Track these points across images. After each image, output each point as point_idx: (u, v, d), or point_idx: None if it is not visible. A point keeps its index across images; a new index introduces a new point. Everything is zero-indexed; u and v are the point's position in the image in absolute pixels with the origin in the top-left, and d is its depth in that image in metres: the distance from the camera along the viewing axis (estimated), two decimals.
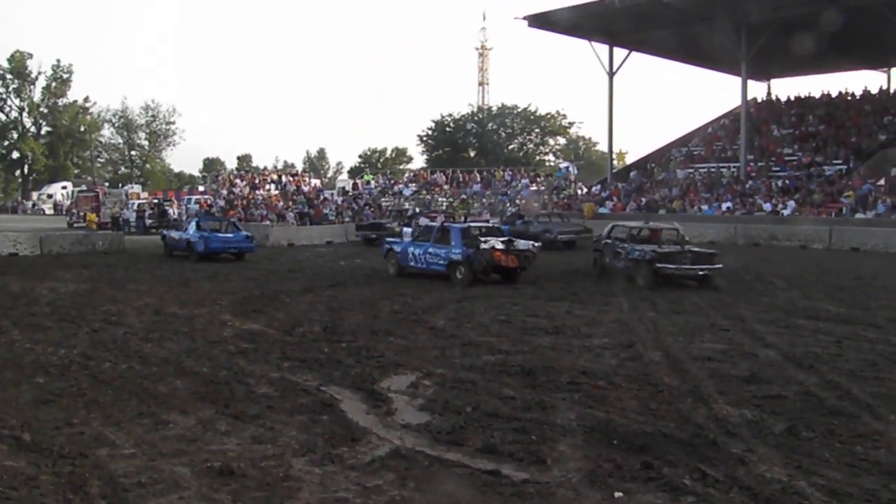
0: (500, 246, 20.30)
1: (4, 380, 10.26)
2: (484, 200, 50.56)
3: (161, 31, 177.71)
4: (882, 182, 38.43)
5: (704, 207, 42.25)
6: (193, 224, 29.42)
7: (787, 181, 42.50)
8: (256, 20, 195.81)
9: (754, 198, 41.28)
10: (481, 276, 20.33)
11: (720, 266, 20.48)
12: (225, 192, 51.64)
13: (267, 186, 53.90)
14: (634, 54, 50.83)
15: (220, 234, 28.56)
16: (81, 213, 50.50)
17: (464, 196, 52.23)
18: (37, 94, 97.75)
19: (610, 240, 22.53)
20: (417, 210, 39.14)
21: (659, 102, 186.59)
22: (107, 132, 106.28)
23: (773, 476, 6.89)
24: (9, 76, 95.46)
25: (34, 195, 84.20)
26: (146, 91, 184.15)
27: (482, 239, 20.69)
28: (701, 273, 20.24)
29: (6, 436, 7.92)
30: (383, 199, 52.10)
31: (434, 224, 23.93)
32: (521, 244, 21.13)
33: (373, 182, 60.82)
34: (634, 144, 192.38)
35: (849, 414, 8.81)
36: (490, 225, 23.22)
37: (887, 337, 13.44)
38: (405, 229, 30.84)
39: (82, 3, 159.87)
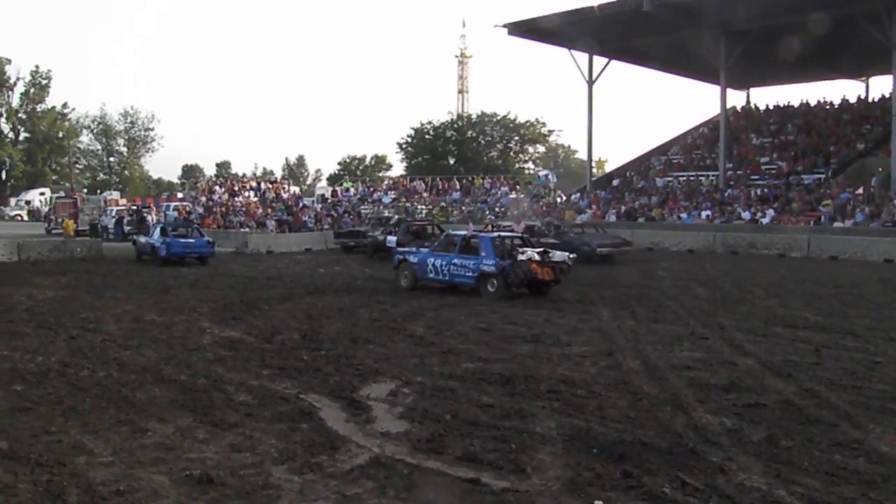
0: (536, 257, 19.05)
1: None
2: (463, 208, 50.57)
3: (140, 37, 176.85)
4: (860, 191, 38.72)
5: (683, 216, 42.41)
6: (158, 230, 30.30)
7: (765, 190, 42.75)
8: (236, 27, 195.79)
9: (733, 206, 41.49)
10: (515, 290, 19.23)
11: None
12: (204, 199, 51.23)
13: (246, 193, 53.52)
14: (614, 62, 51.13)
15: (182, 240, 29.68)
16: (59, 220, 50.06)
17: (443, 204, 52.25)
18: (15, 100, 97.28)
19: None
20: (398, 217, 38.90)
21: (638, 111, 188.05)
22: (85, 138, 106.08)
23: (753, 484, 6.91)
24: None
25: (12, 201, 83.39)
26: (125, 97, 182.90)
27: (520, 250, 19.42)
28: None
29: None
30: (362, 207, 52.01)
31: (459, 233, 21.54)
32: (557, 256, 19.65)
33: (352, 189, 60.65)
34: (614, 152, 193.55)
35: (828, 422, 8.85)
36: (517, 234, 21.46)
37: (865, 345, 13.51)
38: (389, 238, 30.58)
39: (61, 10, 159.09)
